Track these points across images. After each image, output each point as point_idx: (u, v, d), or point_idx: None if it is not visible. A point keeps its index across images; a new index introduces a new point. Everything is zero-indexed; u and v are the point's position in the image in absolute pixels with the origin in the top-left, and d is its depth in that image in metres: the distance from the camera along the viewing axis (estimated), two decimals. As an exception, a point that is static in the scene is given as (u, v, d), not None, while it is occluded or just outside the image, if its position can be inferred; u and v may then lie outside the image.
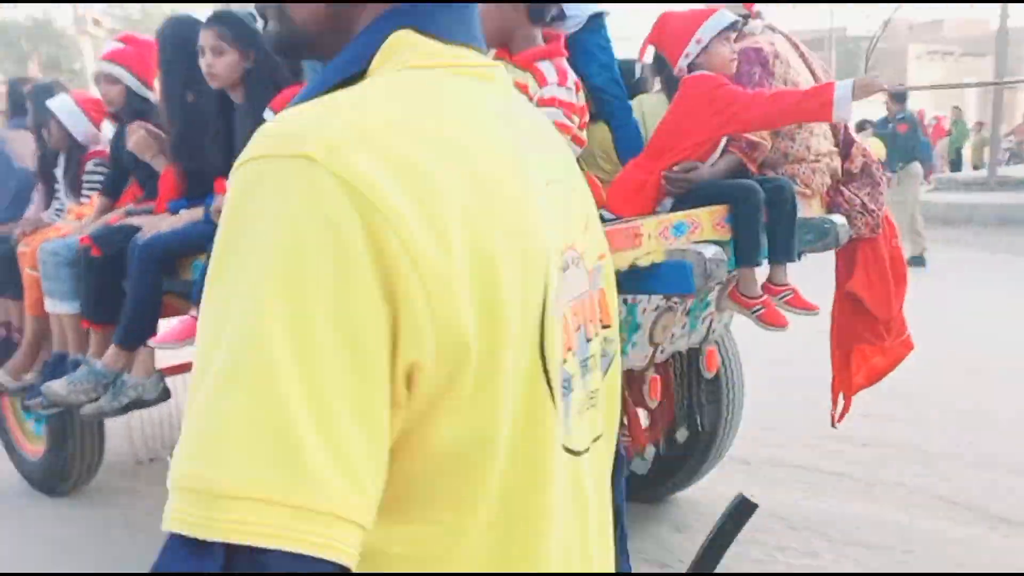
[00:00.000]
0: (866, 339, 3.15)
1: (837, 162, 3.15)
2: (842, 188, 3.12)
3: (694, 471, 3.44)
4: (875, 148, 11.25)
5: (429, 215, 0.55)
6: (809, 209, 3.05)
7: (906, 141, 9.89)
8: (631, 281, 2.45)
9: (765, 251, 2.83)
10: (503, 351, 0.59)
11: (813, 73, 3.26)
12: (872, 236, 3.10)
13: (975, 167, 19.61)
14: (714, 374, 3.19)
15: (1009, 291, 7.76)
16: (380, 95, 0.61)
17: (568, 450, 0.67)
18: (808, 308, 2.90)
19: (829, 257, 3.19)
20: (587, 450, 0.72)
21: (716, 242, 2.66)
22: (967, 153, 21.03)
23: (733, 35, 2.96)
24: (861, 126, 11.14)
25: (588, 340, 0.72)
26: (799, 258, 3.04)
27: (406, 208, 0.54)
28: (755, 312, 2.84)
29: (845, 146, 3.19)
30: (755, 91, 2.88)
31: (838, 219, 3.00)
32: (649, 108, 3.25)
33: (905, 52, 30.83)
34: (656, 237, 2.47)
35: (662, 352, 2.96)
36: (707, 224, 2.67)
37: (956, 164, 20.40)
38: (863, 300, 3.10)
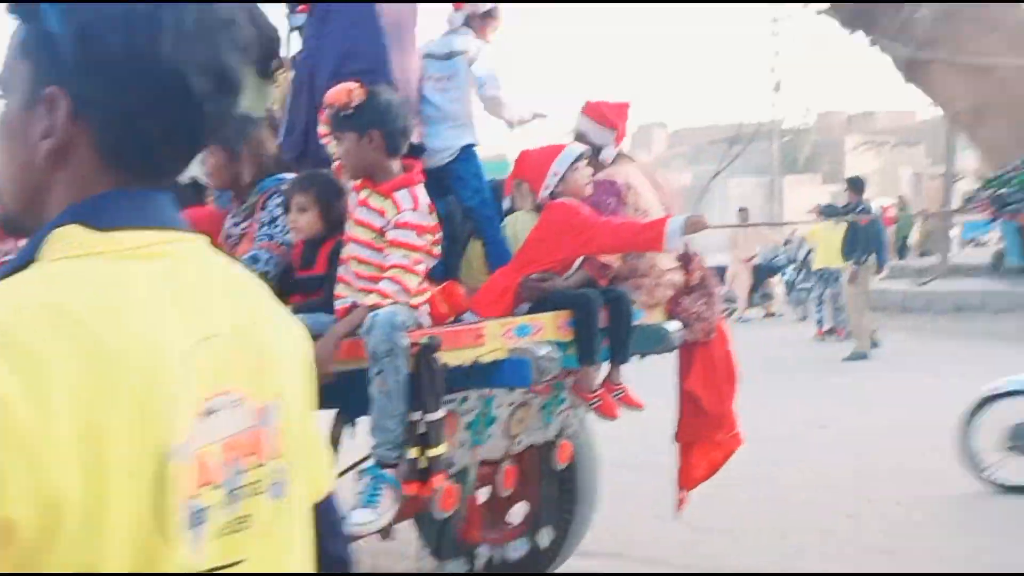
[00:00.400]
0: (704, 435, 3.54)
1: (679, 276, 3.59)
2: (681, 299, 3.56)
3: (548, 561, 3.71)
4: (833, 237, 11.08)
5: (34, 394, 0.68)
6: (652, 317, 3.48)
7: (867, 232, 10.15)
8: (476, 375, 2.82)
9: (604, 353, 3.23)
10: (111, 499, 0.71)
11: (662, 200, 3.74)
12: (707, 340, 3.52)
13: (921, 254, 20.32)
14: (565, 466, 3.52)
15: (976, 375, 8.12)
16: (20, 287, 0.75)
17: (198, 574, 0.79)
18: (635, 405, 3.31)
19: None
20: (225, 568, 0.83)
21: (559, 343, 3.06)
22: (913, 241, 21.84)
23: (583, 163, 3.44)
24: (825, 211, 11.59)
25: (241, 472, 0.83)
26: (643, 358, 3.46)
27: (14, 389, 0.68)
28: (592, 404, 3.23)
29: (686, 262, 3.64)
30: (605, 221, 3.33)
31: (673, 326, 3.43)
32: (521, 225, 3.68)
33: (842, 144, 32.27)
34: (500, 337, 2.85)
35: (519, 444, 3.29)
36: (550, 327, 3.07)
37: (902, 252, 21.08)
38: (699, 399, 3.50)
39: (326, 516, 1.00)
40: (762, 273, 15.71)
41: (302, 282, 3.02)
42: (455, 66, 3.65)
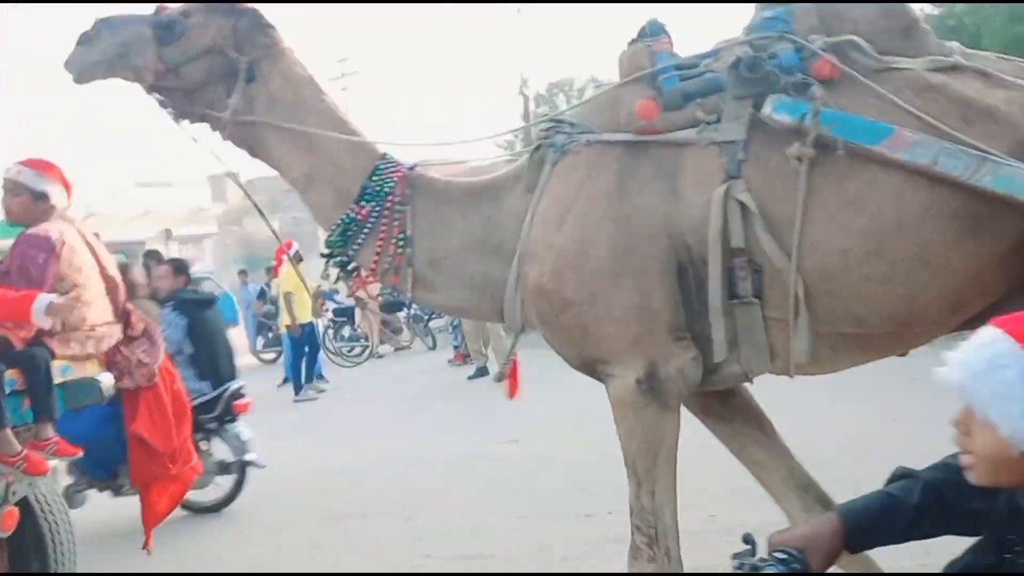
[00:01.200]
0: (158, 472, 3.73)
1: (115, 329, 3.75)
2: (120, 348, 3.72)
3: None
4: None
5: None
6: (85, 369, 3.60)
7: None
8: None
9: (22, 414, 3.30)
10: None
11: (98, 260, 3.85)
12: (150, 384, 3.72)
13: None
14: (11, 532, 3.50)
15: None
16: None
17: None
18: (72, 453, 3.41)
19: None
20: None
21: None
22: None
23: None
24: None
25: None
26: (78, 412, 3.56)
27: None
28: (18, 467, 3.27)
29: (125, 316, 3.81)
30: None
31: (105, 377, 3.59)
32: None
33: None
34: None
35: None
36: (-57, 401, 3.07)
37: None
38: (147, 439, 3.68)
39: None
40: (388, 309, 16.48)
41: None
42: None
